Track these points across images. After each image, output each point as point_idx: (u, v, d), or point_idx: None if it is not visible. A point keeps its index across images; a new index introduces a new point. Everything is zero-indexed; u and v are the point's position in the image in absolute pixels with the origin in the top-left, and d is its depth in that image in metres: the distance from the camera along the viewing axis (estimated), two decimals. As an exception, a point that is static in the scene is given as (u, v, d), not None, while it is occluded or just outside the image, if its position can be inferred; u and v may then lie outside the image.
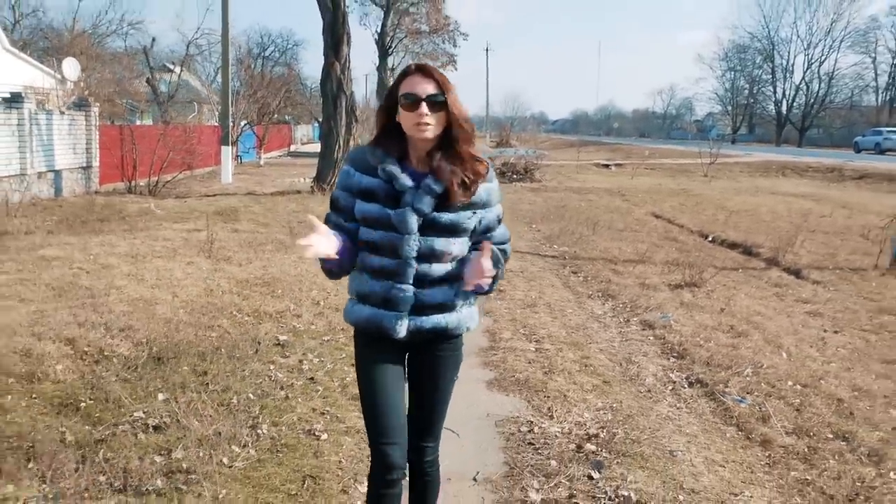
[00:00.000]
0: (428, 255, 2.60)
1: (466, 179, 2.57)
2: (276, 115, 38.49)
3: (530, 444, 4.35)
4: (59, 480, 3.44)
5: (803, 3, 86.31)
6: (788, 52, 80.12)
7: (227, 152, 23.35)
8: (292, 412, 4.50)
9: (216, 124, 32.73)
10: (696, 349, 6.46)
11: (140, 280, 7.74)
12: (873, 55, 75.81)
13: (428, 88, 2.53)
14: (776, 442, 4.61)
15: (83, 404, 4.40)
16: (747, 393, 5.42)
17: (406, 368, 2.80)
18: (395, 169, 2.57)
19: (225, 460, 3.76)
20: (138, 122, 36.37)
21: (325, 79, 19.65)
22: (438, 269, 2.63)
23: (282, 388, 4.91)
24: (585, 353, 6.21)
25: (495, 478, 3.91)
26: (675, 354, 6.41)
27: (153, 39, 47.86)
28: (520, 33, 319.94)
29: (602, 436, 4.45)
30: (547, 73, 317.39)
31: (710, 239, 13.43)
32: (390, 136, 2.63)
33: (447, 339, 2.75)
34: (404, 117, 2.56)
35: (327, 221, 2.68)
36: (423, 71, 2.57)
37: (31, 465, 3.59)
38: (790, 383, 5.63)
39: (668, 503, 3.65)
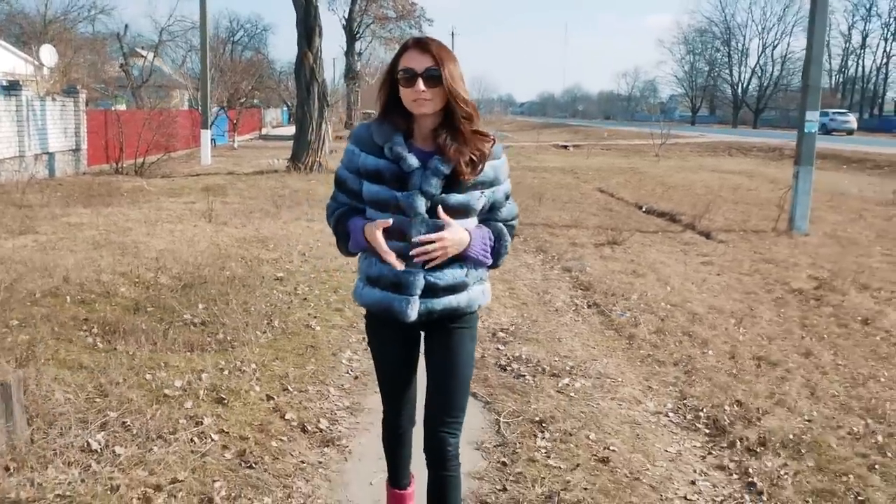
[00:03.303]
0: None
1: (473, 157, 2.54)
2: (246, 100, 39.89)
3: (460, 333, 6.26)
4: (147, 346, 5.28)
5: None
6: (744, 37, 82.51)
7: (206, 135, 24.92)
8: (294, 315, 6.40)
9: (188, 109, 34.19)
10: (600, 284, 8.34)
11: (159, 237, 9.61)
12: (826, 39, 78.39)
13: (424, 63, 2.49)
14: (638, 337, 6.49)
15: (148, 310, 6.26)
16: (629, 310, 7.30)
17: (422, 347, 2.85)
18: (401, 149, 2.55)
19: (252, 338, 5.64)
20: (112, 108, 37.61)
21: (298, 68, 21.44)
22: None
23: (284, 304, 6.79)
24: (512, 286, 8.11)
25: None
26: (582, 288, 8.31)
27: (126, 26, 48.79)
28: (487, 16, 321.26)
29: (511, 329, 6.39)
30: (515, 55, 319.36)
31: (643, 209, 15.29)
32: (394, 113, 2.59)
33: (460, 317, 2.74)
34: (403, 93, 2.53)
35: (334, 199, 2.75)
36: (420, 45, 2.53)
37: (123, 341, 5.41)
38: (664, 304, 7.53)
39: (541, 360, 5.59)
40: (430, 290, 2.62)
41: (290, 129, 43.63)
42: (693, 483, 3.95)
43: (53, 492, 3.22)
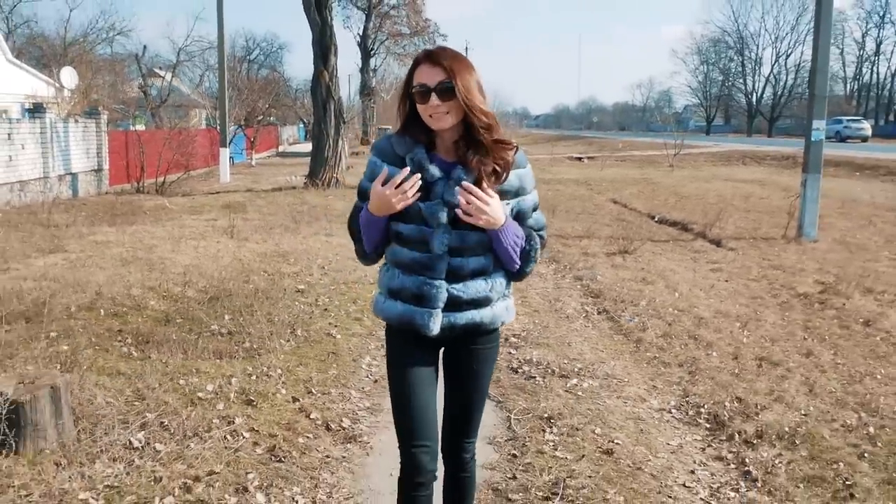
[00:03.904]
0: (461, 249, 2.54)
1: (497, 167, 2.51)
2: (263, 118, 40.42)
3: (474, 339, 6.56)
4: (179, 355, 5.62)
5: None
6: (757, 46, 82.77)
7: (224, 154, 25.38)
8: (315, 324, 6.72)
9: (205, 127, 34.74)
10: (610, 292, 8.61)
11: (184, 253, 10.00)
12: (840, 47, 78.54)
13: (437, 76, 2.45)
14: (646, 340, 6.76)
15: (178, 321, 6.62)
16: (637, 316, 7.56)
17: (441, 364, 2.79)
18: (423, 159, 2.53)
19: (277, 346, 5.96)
20: (131, 128, 38.08)
21: (314, 86, 21.88)
22: (473, 262, 2.58)
23: (306, 314, 7.11)
24: (524, 293, 8.38)
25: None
26: (593, 295, 8.58)
27: (144, 47, 49.50)
28: (501, 29, 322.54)
29: (523, 335, 6.69)
30: (530, 68, 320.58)
31: (655, 219, 15.54)
32: (415, 127, 2.56)
33: (483, 334, 2.70)
34: (420, 108, 2.50)
35: (356, 210, 2.70)
36: (431, 58, 2.49)
37: (156, 350, 5.75)
38: (671, 309, 7.78)
39: (551, 362, 5.89)
40: (454, 304, 2.57)
41: (307, 146, 44.02)
42: (692, 472, 4.22)
43: (103, 483, 3.56)
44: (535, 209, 2.70)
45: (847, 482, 4.06)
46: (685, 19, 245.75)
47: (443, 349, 2.76)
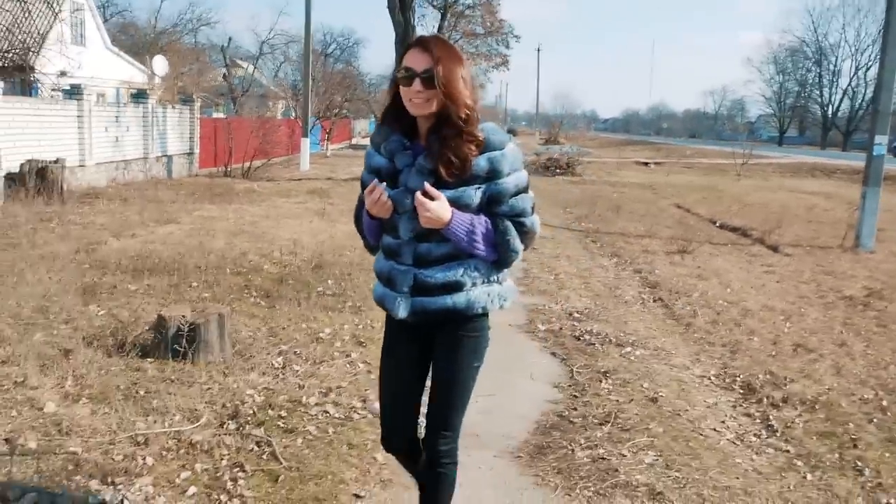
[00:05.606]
0: (429, 234, 2.56)
1: (454, 159, 2.50)
2: (339, 111, 41.80)
3: (542, 313, 7.52)
4: (297, 306, 6.71)
5: (852, 10, 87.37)
6: (836, 58, 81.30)
7: (305, 143, 26.70)
8: (406, 292, 7.74)
9: (282, 117, 36.24)
10: (666, 284, 9.46)
11: (284, 229, 11.22)
12: (922, 62, 76.85)
13: (423, 63, 2.47)
14: (695, 325, 7.62)
15: (290, 282, 7.74)
16: (689, 304, 8.42)
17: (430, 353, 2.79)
18: (395, 147, 2.61)
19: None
20: (213, 114, 39.67)
21: (395, 82, 23.04)
22: (441, 248, 2.60)
23: (396, 284, 8.16)
24: (587, 280, 9.32)
25: (520, 323, 7.08)
26: (650, 286, 9.45)
27: (230, 39, 51.55)
28: (573, 30, 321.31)
29: (585, 311, 7.63)
30: (600, 71, 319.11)
31: (716, 224, 16.20)
32: (393, 113, 2.63)
33: (464, 322, 2.68)
34: (402, 92, 2.52)
35: (359, 199, 2.78)
36: (422, 44, 2.52)
37: (277, 302, 6.85)
38: (721, 302, 8.60)
39: (609, 334, 6.82)
40: (423, 289, 2.61)
41: (380, 140, 45.08)
42: (723, 422, 5.11)
43: (260, 385, 4.68)
44: (516, 194, 2.62)
45: (853, 438, 4.90)
46: (762, 26, 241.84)
47: (434, 339, 2.77)
